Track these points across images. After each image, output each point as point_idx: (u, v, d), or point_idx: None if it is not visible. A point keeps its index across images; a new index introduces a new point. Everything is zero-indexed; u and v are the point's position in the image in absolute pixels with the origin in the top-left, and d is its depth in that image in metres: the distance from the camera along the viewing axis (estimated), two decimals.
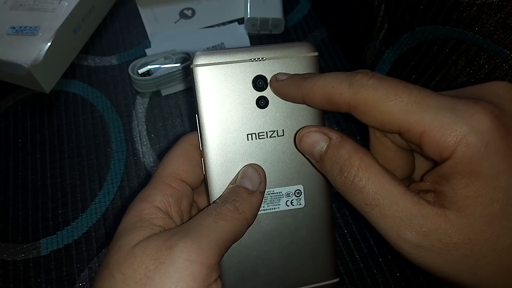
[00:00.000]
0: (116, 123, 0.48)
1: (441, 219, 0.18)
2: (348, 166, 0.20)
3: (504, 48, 0.30)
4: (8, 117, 0.49)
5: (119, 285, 0.19)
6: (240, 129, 0.24)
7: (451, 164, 0.18)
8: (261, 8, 0.54)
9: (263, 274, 0.25)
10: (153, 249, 0.20)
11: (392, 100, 0.19)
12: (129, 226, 0.22)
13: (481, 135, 0.17)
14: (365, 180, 0.19)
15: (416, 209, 0.18)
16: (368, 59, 0.46)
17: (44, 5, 0.50)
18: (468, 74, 0.34)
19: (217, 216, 0.21)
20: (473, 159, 0.17)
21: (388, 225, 0.19)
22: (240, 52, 0.24)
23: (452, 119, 0.17)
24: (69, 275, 0.39)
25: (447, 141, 0.18)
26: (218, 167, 0.24)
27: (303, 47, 0.25)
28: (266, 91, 0.24)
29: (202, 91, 0.24)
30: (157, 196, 0.23)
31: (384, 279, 0.39)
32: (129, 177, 0.45)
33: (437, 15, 0.34)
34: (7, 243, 0.41)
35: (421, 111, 0.18)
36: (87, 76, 0.52)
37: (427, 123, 0.18)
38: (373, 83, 0.19)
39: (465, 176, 0.17)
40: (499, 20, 0.30)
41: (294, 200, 0.25)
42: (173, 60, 0.49)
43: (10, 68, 0.47)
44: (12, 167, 0.45)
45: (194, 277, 0.19)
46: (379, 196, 0.19)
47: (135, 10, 0.57)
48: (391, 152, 0.22)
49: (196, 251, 0.19)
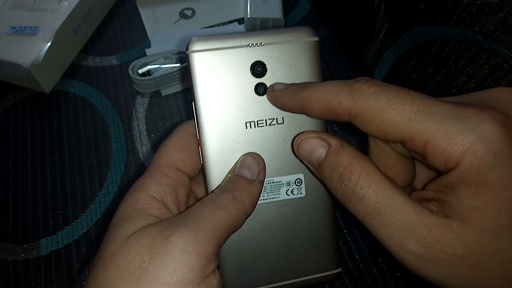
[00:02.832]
0: (116, 123, 0.48)
1: (445, 230, 0.17)
2: (349, 173, 0.19)
3: (504, 48, 0.30)
4: (8, 117, 0.49)
5: (113, 276, 0.19)
6: (238, 117, 0.23)
7: (457, 174, 0.17)
8: (261, 8, 0.54)
9: (264, 265, 0.24)
10: (148, 239, 0.19)
11: (394, 109, 0.18)
12: (124, 216, 0.21)
13: (488, 144, 0.16)
14: (366, 189, 0.19)
15: (419, 219, 0.18)
16: (368, 59, 0.46)
17: (44, 5, 0.50)
18: (468, 74, 0.34)
19: (215, 206, 0.21)
20: (480, 170, 0.17)
21: (390, 235, 0.18)
22: (238, 38, 0.23)
23: (458, 127, 0.17)
24: (69, 275, 0.39)
25: (453, 151, 0.17)
26: (216, 156, 0.23)
27: (303, 31, 0.24)
28: (265, 78, 0.23)
29: (199, 78, 0.23)
30: (152, 186, 0.22)
31: (384, 279, 0.39)
32: (129, 177, 0.45)
33: (437, 15, 0.34)
34: (7, 243, 0.41)
35: (425, 119, 0.17)
36: (87, 76, 0.52)
37: (432, 132, 0.17)
38: (374, 91, 0.19)
39: (472, 187, 0.17)
40: (499, 20, 0.30)
41: (295, 189, 0.24)
42: (173, 60, 0.49)
43: (10, 68, 0.47)
44: (12, 167, 0.45)
45: (191, 268, 0.19)
46: (381, 205, 0.18)
47: (135, 10, 0.57)
48: (391, 159, 0.21)
49: (193, 241, 0.19)
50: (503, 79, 0.32)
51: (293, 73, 0.24)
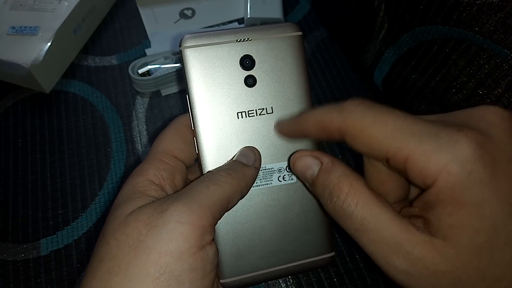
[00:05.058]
0: (116, 123, 0.48)
1: (428, 247, 0.18)
2: (338, 191, 0.20)
3: (504, 48, 0.30)
4: (8, 117, 0.49)
5: (114, 250, 0.20)
6: (230, 108, 0.25)
7: (434, 192, 0.18)
8: (261, 8, 0.54)
9: (260, 249, 0.25)
10: (145, 215, 0.20)
11: (378, 126, 0.19)
12: (123, 198, 0.22)
13: (463, 164, 0.17)
14: (354, 206, 0.20)
15: (403, 236, 0.18)
16: (368, 59, 0.46)
17: (44, 5, 0.50)
18: (468, 74, 0.34)
19: (209, 182, 0.22)
20: (455, 188, 0.17)
21: (377, 250, 0.19)
22: (227, 34, 0.25)
23: (436, 146, 0.17)
24: (69, 275, 0.39)
25: (429, 169, 0.17)
26: (210, 145, 0.25)
27: (287, 27, 0.25)
28: (253, 70, 0.25)
29: (192, 72, 0.24)
30: (150, 170, 0.24)
31: (384, 279, 0.39)
32: None
33: (437, 15, 0.34)
34: (7, 243, 0.41)
35: (405, 137, 0.18)
36: (87, 76, 0.52)
37: (411, 149, 0.18)
38: (361, 110, 0.20)
39: (449, 205, 0.17)
40: (499, 20, 0.30)
41: (286, 175, 0.25)
42: (173, 60, 0.49)
43: (10, 68, 0.47)
44: (12, 167, 0.45)
45: (186, 238, 0.19)
46: (367, 222, 0.19)
47: (135, 10, 0.57)
48: (384, 175, 0.22)
49: (187, 212, 0.20)
50: (503, 79, 0.32)
51: (279, 65, 0.25)
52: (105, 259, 0.20)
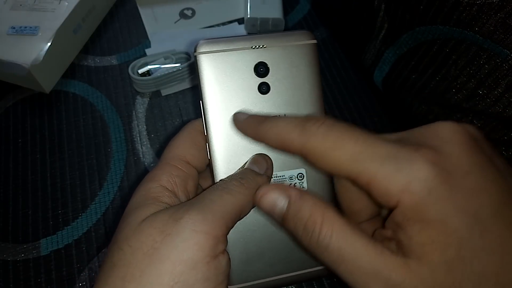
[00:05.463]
0: (116, 123, 0.48)
1: (404, 270, 0.18)
2: (312, 224, 0.20)
3: (504, 48, 0.30)
4: (8, 117, 0.49)
5: (127, 257, 0.20)
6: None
7: (400, 212, 0.18)
8: (261, 8, 0.54)
9: (268, 256, 0.25)
10: (160, 222, 0.20)
11: (339, 150, 0.19)
12: (136, 204, 0.22)
13: (423, 182, 0.17)
14: (329, 238, 0.19)
15: (380, 262, 0.18)
16: (368, 59, 0.46)
17: (44, 5, 0.50)
18: (468, 74, 0.34)
19: (223, 191, 0.22)
20: (419, 207, 0.17)
21: (356, 280, 0.19)
22: (242, 40, 0.25)
23: (396, 168, 0.18)
24: (69, 275, 0.39)
25: (392, 190, 0.18)
26: (222, 152, 0.24)
27: (302, 35, 0.25)
28: (267, 77, 0.25)
29: (206, 77, 0.24)
30: (163, 176, 0.23)
31: None
32: (129, 177, 0.45)
33: (437, 15, 0.34)
34: (7, 243, 0.41)
35: (366, 161, 0.18)
36: (87, 76, 0.52)
37: (372, 173, 0.18)
38: (323, 131, 0.20)
39: (416, 223, 0.18)
40: (499, 20, 0.30)
41: (297, 183, 0.25)
42: (173, 60, 0.49)
43: (10, 68, 0.47)
44: (12, 167, 0.45)
45: (200, 247, 0.19)
46: (344, 252, 0.19)
47: (135, 10, 0.57)
48: (354, 194, 0.22)
49: (202, 221, 0.20)
50: (503, 79, 0.32)
51: (293, 72, 0.25)
52: (118, 265, 0.20)
